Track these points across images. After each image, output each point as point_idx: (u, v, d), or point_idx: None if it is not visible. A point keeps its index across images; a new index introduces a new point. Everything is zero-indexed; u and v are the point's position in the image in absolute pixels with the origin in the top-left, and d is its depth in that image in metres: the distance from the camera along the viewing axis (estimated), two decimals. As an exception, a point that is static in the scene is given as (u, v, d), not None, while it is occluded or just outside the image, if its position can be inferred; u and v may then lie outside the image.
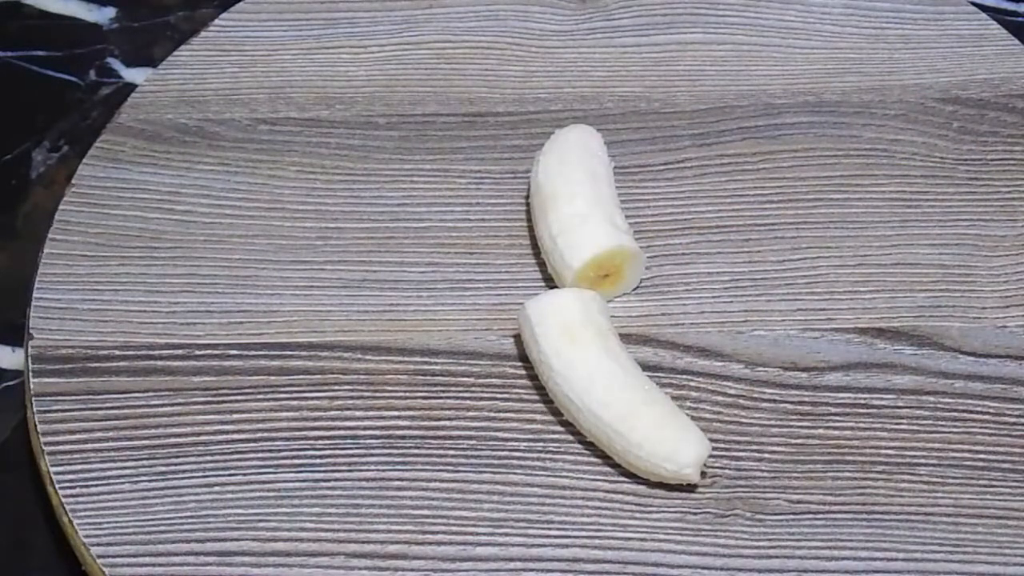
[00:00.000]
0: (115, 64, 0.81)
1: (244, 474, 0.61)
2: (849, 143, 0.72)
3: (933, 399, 0.63)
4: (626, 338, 0.64)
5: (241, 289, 0.67)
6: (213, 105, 0.74)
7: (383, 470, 0.61)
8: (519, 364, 0.64)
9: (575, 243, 0.65)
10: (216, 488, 0.60)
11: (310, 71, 0.75)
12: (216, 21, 0.77)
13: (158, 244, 0.68)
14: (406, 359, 0.64)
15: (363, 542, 0.59)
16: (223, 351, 0.65)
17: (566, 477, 0.61)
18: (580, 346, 0.61)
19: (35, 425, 0.62)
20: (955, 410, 0.63)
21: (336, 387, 0.63)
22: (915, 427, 0.63)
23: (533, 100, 0.74)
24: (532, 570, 0.58)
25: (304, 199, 0.70)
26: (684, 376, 0.64)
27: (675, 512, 0.60)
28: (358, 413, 0.63)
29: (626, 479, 0.61)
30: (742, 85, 0.74)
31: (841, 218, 0.69)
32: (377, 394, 0.63)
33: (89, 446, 0.61)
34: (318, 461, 0.61)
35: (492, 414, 0.63)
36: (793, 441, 0.62)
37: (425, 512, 0.60)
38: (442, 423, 0.62)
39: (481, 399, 0.63)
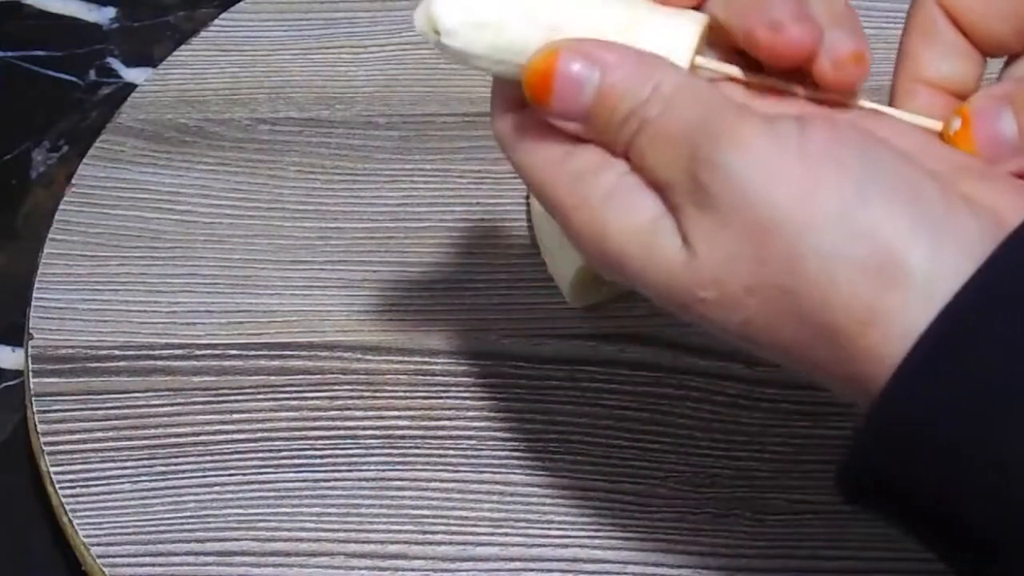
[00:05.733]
0: (115, 64, 0.80)
1: (244, 474, 0.61)
2: (849, 143, 0.72)
3: (933, 399, 0.63)
4: (626, 338, 0.64)
5: (241, 289, 0.67)
6: (213, 105, 0.74)
7: (383, 470, 0.61)
8: (519, 364, 0.64)
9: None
10: (216, 488, 0.60)
11: (310, 71, 0.75)
12: (216, 21, 0.77)
13: (158, 244, 0.68)
14: (406, 359, 0.64)
15: (363, 542, 0.59)
16: (223, 351, 0.65)
17: (566, 477, 0.61)
18: None
19: (35, 425, 0.62)
20: (955, 410, 0.63)
21: (336, 387, 0.63)
22: (915, 427, 0.62)
23: (533, 100, 0.74)
24: (532, 570, 0.58)
25: (304, 199, 0.70)
26: (684, 376, 0.64)
27: (675, 512, 0.60)
28: (358, 413, 0.63)
29: (626, 479, 0.61)
30: (742, 85, 0.74)
31: (841, 218, 0.69)
32: (377, 394, 0.63)
33: (89, 446, 0.61)
34: (318, 461, 0.61)
35: (492, 414, 0.63)
36: (793, 441, 0.62)
37: (425, 512, 0.60)
38: (442, 423, 0.62)
39: (481, 399, 0.63)
